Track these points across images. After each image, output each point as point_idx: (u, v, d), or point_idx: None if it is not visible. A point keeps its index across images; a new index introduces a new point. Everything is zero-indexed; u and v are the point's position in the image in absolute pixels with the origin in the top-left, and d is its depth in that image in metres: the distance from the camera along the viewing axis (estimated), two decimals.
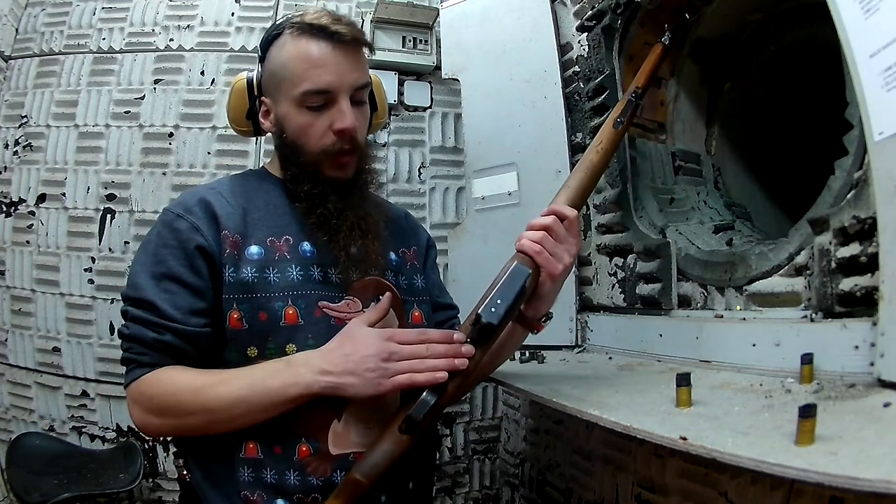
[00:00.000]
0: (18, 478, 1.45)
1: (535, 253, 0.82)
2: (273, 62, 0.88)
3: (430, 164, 1.90)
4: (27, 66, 1.83)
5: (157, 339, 0.79)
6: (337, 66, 0.85)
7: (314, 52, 0.84)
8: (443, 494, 1.85)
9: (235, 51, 1.80)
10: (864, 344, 0.68)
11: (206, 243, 0.82)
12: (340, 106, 0.85)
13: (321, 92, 0.84)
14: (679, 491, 1.02)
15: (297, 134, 0.87)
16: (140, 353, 0.79)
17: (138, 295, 0.81)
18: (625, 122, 0.95)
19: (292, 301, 0.82)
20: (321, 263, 0.86)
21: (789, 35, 1.23)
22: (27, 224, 1.75)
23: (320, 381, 0.74)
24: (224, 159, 1.75)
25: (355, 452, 0.80)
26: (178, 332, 0.79)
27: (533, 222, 0.85)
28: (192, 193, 0.89)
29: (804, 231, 0.84)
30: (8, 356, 1.72)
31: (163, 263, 0.81)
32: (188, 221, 0.83)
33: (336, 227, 0.86)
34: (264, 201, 0.89)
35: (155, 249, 0.83)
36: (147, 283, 0.81)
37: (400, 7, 1.78)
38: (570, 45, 1.46)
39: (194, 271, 0.81)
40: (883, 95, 0.63)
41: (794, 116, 1.37)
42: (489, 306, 0.78)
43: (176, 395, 0.77)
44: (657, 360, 1.07)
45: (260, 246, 0.84)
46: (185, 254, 0.81)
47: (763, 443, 0.57)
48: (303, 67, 0.84)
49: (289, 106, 0.86)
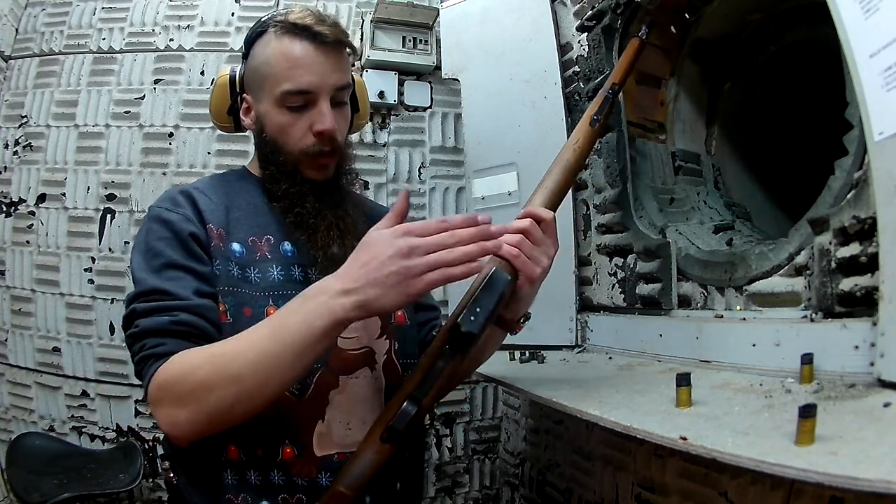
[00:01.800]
0: (18, 478, 1.45)
1: (512, 257, 0.78)
2: (256, 59, 0.88)
3: (430, 164, 1.90)
4: (27, 66, 1.82)
5: (172, 321, 0.74)
6: (318, 66, 0.84)
7: (296, 52, 0.84)
8: (443, 494, 1.85)
9: (235, 51, 1.80)
10: (864, 344, 0.68)
11: (198, 231, 0.81)
12: (321, 107, 0.85)
13: (302, 92, 0.84)
14: (679, 491, 1.02)
15: (277, 133, 0.86)
16: (156, 345, 0.73)
17: (142, 287, 0.77)
18: (601, 119, 0.93)
19: (273, 301, 0.81)
20: (302, 263, 0.86)
21: (789, 35, 1.23)
22: (27, 224, 1.75)
23: (344, 304, 0.67)
24: (224, 159, 1.75)
25: (339, 453, 0.80)
26: (192, 309, 0.75)
27: (509, 225, 0.80)
28: (176, 189, 0.88)
29: (804, 231, 0.84)
30: (8, 356, 1.72)
31: (160, 255, 0.79)
32: (178, 213, 0.82)
33: (314, 227, 0.86)
34: (245, 200, 0.89)
35: (149, 246, 0.81)
36: (149, 276, 0.78)
37: (400, 7, 1.78)
38: (570, 45, 1.46)
39: (194, 257, 0.80)
40: (883, 95, 0.63)
41: (794, 116, 1.37)
42: (469, 314, 0.72)
43: (194, 374, 0.69)
44: (657, 360, 1.07)
45: (241, 244, 0.84)
46: (179, 243, 0.80)
47: (763, 443, 0.57)
48: (284, 67, 0.84)
49: (269, 104, 0.86)
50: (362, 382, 0.86)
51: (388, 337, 0.92)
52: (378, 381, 0.88)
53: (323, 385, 0.82)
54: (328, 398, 0.82)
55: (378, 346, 0.90)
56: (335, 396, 0.83)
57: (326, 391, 0.83)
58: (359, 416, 0.84)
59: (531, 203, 0.85)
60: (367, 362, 0.87)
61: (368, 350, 0.88)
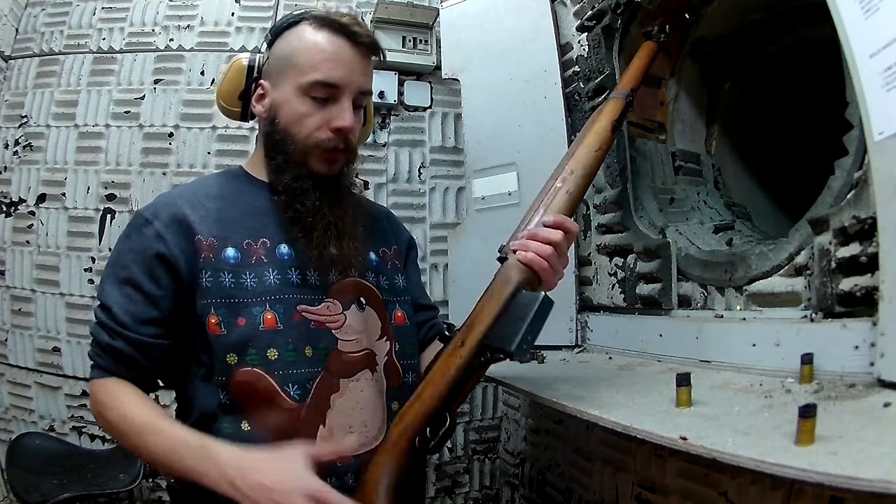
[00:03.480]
0: (18, 478, 1.45)
1: (542, 269, 0.77)
2: (283, 47, 0.88)
3: (430, 164, 1.90)
4: (27, 66, 1.82)
5: (109, 345, 0.80)
6: (350, 64, 0.86)
7: (331, 46, 0.86)
8: (443, 494, 1.85)
9: (235, 51, 1.79)
10: (864, 344, 0.68)
11: (168, 252, 0.81)
12: (343, 104, 0.86)
13: (329, 85, 0.85)
14: (679, 491, 1.02)
15: (292, 121, 0.86)
16: (97, 355, 0.81)
17: (101, 298, 0.83)
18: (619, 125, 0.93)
19: (270, 306, 0.81)
20: (299, 266, 0.85)
21: (789, 35, 1.23)
22: (27, 224, 1.75)
23: (225, 491, 0.70)
24: (224, 159, 1.75)
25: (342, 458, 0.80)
26: (128, 339, 0.80)
27: (540, 234, 0.79)
28: (167, 196, 0.90)
29: (804, 231, 0.84)
30: (8, 356, 1.72)
31: (126, 268, 0.82)
32: (154, 228, 0.83)
33: (311, 226, 0.85)
34: (241, 201, 0.89)
35: (121, 253, 0.84)
36: (111, 286, 0.82)
37: (400, 7, 1.78)
38: (570, 45, 1.46)
39: (152, 279, 0.81)
40: (883, 95, 0.63)
41: (794, 116, 1.37)
42: (521, 343, 0.71)
43: (120, 425, 0.78)
44: (657, 360, 1.07)
45: (236, 249, 0.83)
46: (144, 260, 0.82)
47: (763, 443, 0.57)
48: (317, 58, 0.85)
49: (291, 92, 0.86)
50: (363, 385, 0.85)
51: (388, 338, 0.92)
52: (379, 384, 0.88)
53: (323, 389, 0.82)
54: (329, 402, 0.82)
55: (379, 348, 0.89)
56: (336, 400, 0.83)
57: (327, 395, 0.82)
58: (361, 420, 0.84)
59: (555, 208, 0.84)
60: (368, 364, 0.87)
61: (369, 352, 0.88)
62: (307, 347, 0.82)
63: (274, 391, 0.79)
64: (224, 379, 0.79)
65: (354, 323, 0.87)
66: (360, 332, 0.87)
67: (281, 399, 0.79)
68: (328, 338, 0.84)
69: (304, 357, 0.81)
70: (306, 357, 0.82)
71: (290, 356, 0.80)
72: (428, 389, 0.76)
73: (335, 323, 0.85)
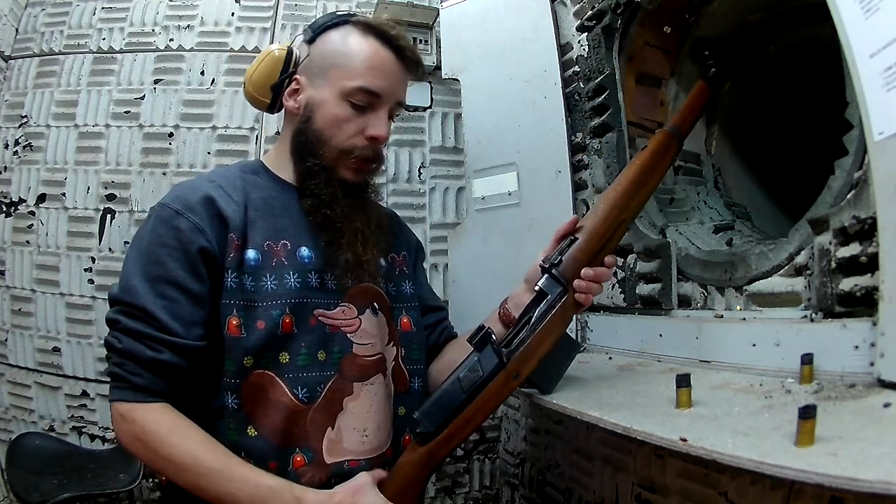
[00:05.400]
0: (18, 478, 1.45)
1: (586, 301, 0.85)
2: (328, 47, 0.88)
3: (430, 164, 1.90)
4: (27, 66, 1.82)
5: (154, 359, 0.73)
6: (394, 76, 0.88)
7: (379, 55, 0.87)
8: (443, 494, 1.85)
9: (235, 51, 1.80)
10: (864, 344, 0.68)
11: (210, 246, 0.77)
12: (380, 114, 0.87)
13: (372, 93, 0.85)
14: (679, 491, 1.02)
15: (329, 124, 0.86)
16: (134, 374, 0.73)
17: (132, 300, 0.74)
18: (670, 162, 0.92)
19: (290, 310, 0.80)
20: (318, 269, 0.85)
21: (789, 35, 1.23)
22: (27, 224, 1.75)
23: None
24: (224, 159, 1.75)
25: (350, 460, 0.80)
26: (178, 347, 0.74)
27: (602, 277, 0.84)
28: (192, 188, 0.82)
29: (804, 231, 0.84)
30: (8, 356, 1.72)
31: (161, 265, 0.75)
32: (190, 221, 0.78)
33: (339, 231, 0.85)
34: (261, 198, 0.86)
35: (151, 248, 0.77)
36: (143, 286, 0.74)
37: (400, 7, 1.78)
38: (570, 45, 1.46)
39: (196, 276, 0.76)
40: (883, 95, 0.63)
41: (794, 116, 1.37)
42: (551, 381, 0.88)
43: (186, 464, 0.72)
44: (657, 360, 1.07)
45: (257, 250, 0.81)
46: (186, 256, 0.76)
47: (763, 443, 0.57)
48: (364, 65, 0.85)
49: (331, 94, 0.86)
50: (376, 388, 0.86)
51: (394, 344, 0.92)
52: (388, 387, 0.88)
53: (336, 392, 0.82)
54: (342, 405, 0.82)
55: (387, 353, 0.90)
56: (349, 403, 0.82)
57: (340, 398, 0.82)
58: (375, 423, 0.84)
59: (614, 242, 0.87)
60: (381, 369, 0.87)
61: (381, 356, 0.88)
62: (320, 351, 0.82)
63: (282, 393, 0.79)
64: (237, 381, 0.78)
65: (369, 327, 0.87)
66: (375, 336, 0.87)
67: (288, 400, 0.79)
68: (343, 341, 0.84)
69: (315, 361, 0.81)
70: (318, 361, 0.81)
71: (301, 360, 0.80)
72: (479, 417, 0.79)
73: (350, 327, 0.85)
